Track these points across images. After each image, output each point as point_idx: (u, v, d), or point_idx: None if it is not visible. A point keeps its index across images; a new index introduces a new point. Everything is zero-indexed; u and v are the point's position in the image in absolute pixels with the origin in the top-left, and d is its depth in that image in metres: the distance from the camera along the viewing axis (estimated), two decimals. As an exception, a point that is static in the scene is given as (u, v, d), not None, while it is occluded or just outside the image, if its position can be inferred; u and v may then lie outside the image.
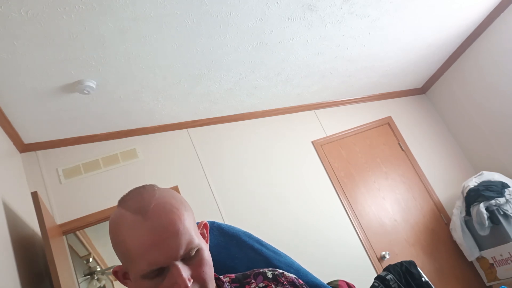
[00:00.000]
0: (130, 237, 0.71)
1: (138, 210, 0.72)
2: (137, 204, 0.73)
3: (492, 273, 3.75)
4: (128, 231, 0.72)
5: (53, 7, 2.08)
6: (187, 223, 0.74)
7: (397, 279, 2.61)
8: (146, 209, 0.72)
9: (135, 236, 0.71)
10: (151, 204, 0.73)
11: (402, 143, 4.42)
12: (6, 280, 2.07)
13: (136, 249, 0.70)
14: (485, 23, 3.86)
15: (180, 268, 0.71)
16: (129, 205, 0.74)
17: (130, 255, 0.72)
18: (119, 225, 0.74)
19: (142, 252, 0.70)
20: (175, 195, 0.78)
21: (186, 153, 3.78)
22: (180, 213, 0.74)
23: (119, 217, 0.74)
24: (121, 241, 0.73)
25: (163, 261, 0.70)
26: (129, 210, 0.73)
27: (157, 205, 0.73)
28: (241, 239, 1.07)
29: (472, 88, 4.26)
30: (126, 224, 0.72)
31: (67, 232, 3.24)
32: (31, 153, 3.35)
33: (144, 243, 0.70)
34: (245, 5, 2.54)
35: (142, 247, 0.70)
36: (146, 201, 0.73)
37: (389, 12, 3.15)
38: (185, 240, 0.72)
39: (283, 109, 4.21)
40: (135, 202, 0.74)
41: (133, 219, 0.72)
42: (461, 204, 3.88)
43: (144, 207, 0.72)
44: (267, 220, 3.66)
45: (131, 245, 0.71)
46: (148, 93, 3.15)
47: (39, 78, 2.57)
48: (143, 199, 0.74)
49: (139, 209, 0.72)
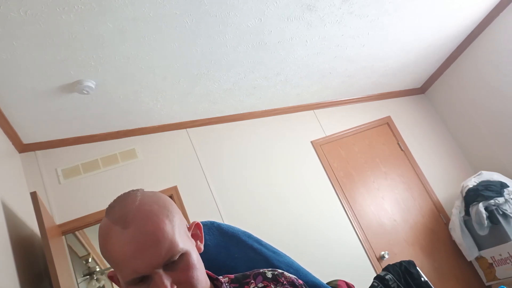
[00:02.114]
0: (112, 246, 0.74)
1: (117, 220, 0.74)
2: (118, 214, 0.75)
3: (491, 273, 3.76)
4: (110, 240, 0.74)
5: (52, 7, 2.08)
6: (168, 230, 0.75)
7: (396, 279, 2.61)
8: (125, 219, 0.74)
9: (116, 246, 0.73)
10: (130, 214, 0.74)
11: (401, 143, 4.42)
12: (5, 280, 2.06)
13: (118, 258, 0.73)
14: (484, 23, 3.87)
15: (162, 276, 0.72)
16: (111, 214, 0.76)
17: (115, 263, 0.74)
18: (102, 235, 0.76)
19: (123, 261, 0.72)
20: (159, 201, 0.79)
21: (186, 153, 3.78)
22: (159, 220, 0.75)
23: (103, 227, 0.77)
24: (106, 250, 0.76)
25: (144, 269, 0.72)
26: (111, 220, 0.75)
27: (136, 213, 0.74)
28: (241, 239, 1.07)
29: (471, 88, 4.27)
30: (107, 234, 0.75)
31: (67, 232, 3.24)
32: (30, 153, 3.35)
33: (124, 253, 0.72)
34: (244, 5, 2.54)
35: (123, 256, 0.72)
36: (126, 210, 0.75)
37: (389, 12, 3.15)
38: (165, 248, 0.73)
39: (283, 109, 4.21)
40: (116, 211, 0.76)
41: (114, 230, 0.74)
42: (460, 204, 3.88)
43: (124, 216, 0.74)
44: (267, 220, 3.66)
45: (114, 254, 0.74)
46: (147, 93, 3.15)
47: (38, 78, 2.57)
48: (125, 207, 0.76)
49: (119, 219, 0.74)
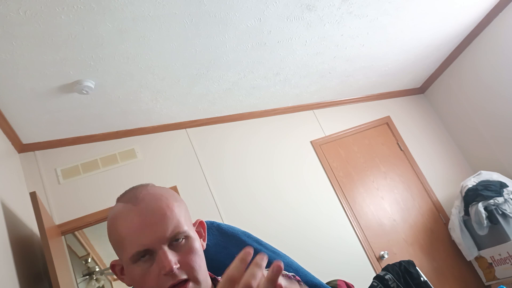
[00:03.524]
0: (121, 222, 0.76)
1: (128, 200, 0.78)
2: (129, 195, 0.80)
3: (491, 273, 3.76)
4: (120, 217, 0.77)
5: (51, 7, 2.08)
6: (176, 211, 0.78)
7: (396, 279, 2.61)
8: (137, 197, 0.78)
9: (125, 220, 0.76)
10: (141, 194, 0.79)
11: (400, 143, 4.42)
12: (4, 280, 2.06)
13: (126, 232, 0.75)
14: (483, 23, 3.87)
15: (166, 252, 0.73)
16: (122, 198, 0.81)
17: (121, 241, 0.76)
18: (112, 216, 0.80)
19: (130, 234, 0.74)
20: (168, 190, 0.83)
21: (185, 153, 3.78)
22: (168, 201, 0.79)
23: (113, 210, 0.81)
24: (114, 229, 0.78)
25: (150, 242, 0.73)
26: (122, 201, 0.80)
27: (147, 194, 0.79)
28: (241, 239, 1.07)
29: (471, 88, 4.27)
30: (118, 212, 0.78)
31: (66, 232, 3.24)
32: (30, 153, 3.35)
33: (132, 225, 0.75)
34: (243, 5, 2.54)
35: (131, 229, 0.74)
36: (137, 192, 0.80)
37: (388, 12, 3.16)
38: (172, 224, 0.75)
39: (282, 109, 4.21)
40: (128, 194, 0.81)
41: (124, 207, 0.78)
42: (459, 204, 3.88)
43: (135, 196, 0.78)
44: (266, 220, 3.66)
45: (122, 230, 0.76)
46: (146, 93, 3.15)
47: (38, 78, 2.57)
48: (136, 190, 0.81)
49: (130, 198, 0.79)
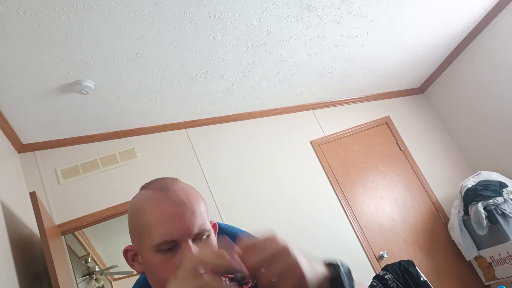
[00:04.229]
0: (151, 208, 0.77)
1: (161, 188, 0.79)
2: (159, 185, 0.81)
3: (490, 273, 3.76)
4: (150, 203, 0.78)
5: (51, 7, 2.08)
6: (202, 209, 0.80)
7: (396, 279, 2.61)
8: (169, 187, 0.79)
9: (157, 207, 0.76)
10: (172, 187, 0.80)
11: (400, 143, 4.42)
12: (4, 280, 2.06)
13: (156, 219, 0.75)
14: (483, 23, 3.87)
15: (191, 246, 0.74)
16: (151, 187, 0.81)
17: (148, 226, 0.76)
18: (141, 200, 0.80)
19: (160, 222, 0.75)
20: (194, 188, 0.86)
21: (185, 153, 3.78)
22: (199, 198, 0.81)
23: (142, 195, 0.81)
24: (141, 213, 0.78)
25: (178, 234, 0.74)
26: (152, 189, 0.80)
27: (178, 187, 0.80)
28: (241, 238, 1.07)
29: (470, 88, 4.27)
30: (148, 199, 0.79)
31: (66, 232, 3.24)
32: (29, 153, 3.35)
33: (164, 214, 0.75)
34: (243, 5, 2.54)
35: (162, 217, 0.75)
36: (168, 183, 0.81)
37: (387, 12, 3.16)
38: (200, 220, 0.77)
39: (282, 109, 4.21)
40: (158, 183, 0.82)
41: (156, 194, 0.79)
42: (459, 204, 3.88)
43: (167, 186, 0.80)
44: (266, 219, 3.66)
45: (152, 215, 0.76)
46: (146, 93, 3.15)
47: (37, 78, 2.57)
48: (166, 181, 0.82)
49: (162, 187, 0.80)
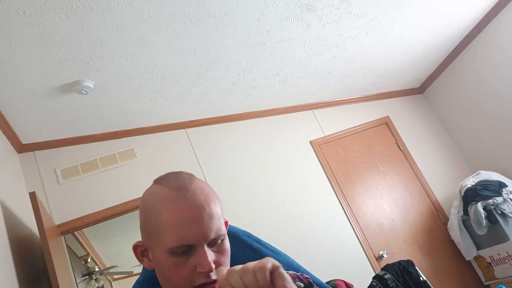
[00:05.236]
0: (168, 209, 0.73)
1: (179, 188, 0.75)
2: (177, 183, 0.76)
3: (490, 272, 3.76)
4: (167, 204, 0.74)
5: (50, 7, 2.08)
6: (219, 212, 0.77)
7: (395, 279, 2.61)
8: (188, 188, 0.75)
9: (174, 209, 0.73)
10: (191, 185, 0.76)
11: (400, 143, 4.42)
12: (4, 280, 2.06)
13: (172, 221, 0.72)
14: (483, 23, 3.87)
15: (207, 251, 0.73)
16: (168, 182, 0.78)
17: (163, 227, 0.73)
18: (156, 198, 0.76)
19: (176, 225, 0.72)
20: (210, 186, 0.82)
21: (184, 153, 3.78)
22: (216, 199, 0.78)
23: (157, 192, 0.77)
24: (155, 212, 0.75)
25: (194, 238, 0.72)
26: (169, 186, 0.76)
27: (196, 187, 0.76)
28: (241, 238, 1.07)
29: (470, 88, 4.27)
30: (165, 197, 0.75)
31: (65, 232, 3.24)
32: (29, 153, 3.35)
33: (182, 217, 0.72)
34: (243, 5, 2.55)
35: (179, 220, 0.72)
36: (187, 182, 0.77)
37: (387, 12, 3.16)
38: (217, 225, 0.75)
39: (281, 109, 4.21)
40: (175, 180, 0.78)
41: (174, 194, 0.75)
42: (458, 204, 3.89)
43: (186, 185, 0.76)
44: (266, 219, 3.66)
45: (168, 216, 0.73)
46: (146, 93, 3.15)
47: (37, 78, 2.57)
48: (184, 179, 0.78)
49: (180, 186, 0.76)
